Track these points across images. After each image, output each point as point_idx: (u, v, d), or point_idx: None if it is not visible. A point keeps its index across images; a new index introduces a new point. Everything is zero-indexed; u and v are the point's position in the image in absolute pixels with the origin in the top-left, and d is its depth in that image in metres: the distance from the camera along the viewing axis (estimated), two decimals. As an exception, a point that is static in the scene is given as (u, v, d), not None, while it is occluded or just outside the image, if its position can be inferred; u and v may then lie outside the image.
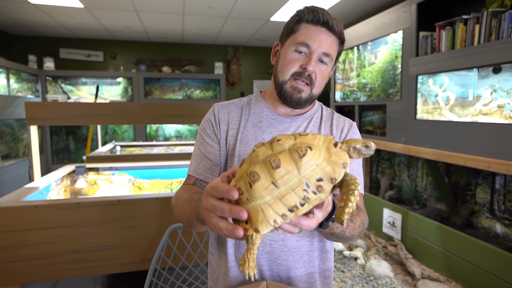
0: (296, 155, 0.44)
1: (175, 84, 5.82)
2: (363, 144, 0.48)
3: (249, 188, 0.44)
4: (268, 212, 0.43)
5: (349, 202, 0.44)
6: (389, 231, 2.94)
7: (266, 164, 0.44)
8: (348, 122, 0.92)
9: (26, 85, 4.85)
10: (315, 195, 0.43)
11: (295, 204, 0.43)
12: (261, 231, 0.43)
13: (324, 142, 0.47)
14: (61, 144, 5.43)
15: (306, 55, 0.79)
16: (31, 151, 1.90)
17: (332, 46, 0.80)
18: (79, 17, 4.24)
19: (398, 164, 3.54)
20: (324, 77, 0.82)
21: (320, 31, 0.79)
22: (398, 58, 2.90)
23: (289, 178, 0.43)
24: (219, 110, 0.90)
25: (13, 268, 1.54)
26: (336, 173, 0.44)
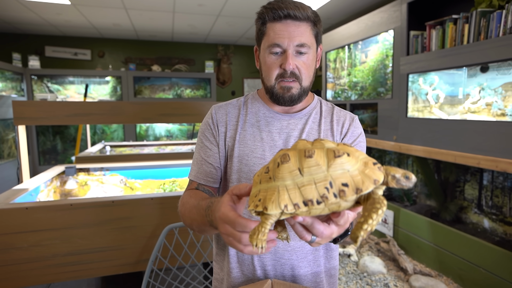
0: (331, 153, 0.43)
1: (165, 83, 5.75)
2: (404, 175, 0.45)
3: (275, 168, 0.44)
4: (283, 195, 0.42)
5: (370, 219, 0.41)
6: (381, 228, 2.98)
7: (300, 152, 0.44)
8: (350, 116, 0.90)
9: (10, 84, 4.71)
10: (335, 198, 0.41)
11: (311, 198, 0.42)
12: (269, 210, 0.42)
13: (364, 157, 0.45)
14: (48, 144, 5.30)
15: (282, 54, 0.78)
16: (19, 152, 1.85)
17: (304, 34, 0.77)
18: (65, 14, 4.14)
19: (388, 162, 3.59)
20: (309, 67, 0.80)
21: (286, 25, 0.76)
22: (389, 57, 2.94)
23: (315, 171, 0.42)
24: (216, 111, 0.89)
25: (3, 273, 1.49)
26: (364, 185, 0.41)
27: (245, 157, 0.83)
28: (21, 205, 1.49)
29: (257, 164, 0.82)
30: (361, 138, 0.88)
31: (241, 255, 0.83)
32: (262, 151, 0.83)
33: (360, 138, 0.87)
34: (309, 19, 0.77)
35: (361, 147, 0.87)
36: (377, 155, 3.74)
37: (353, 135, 0.87)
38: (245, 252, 0.50)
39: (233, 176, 0.83)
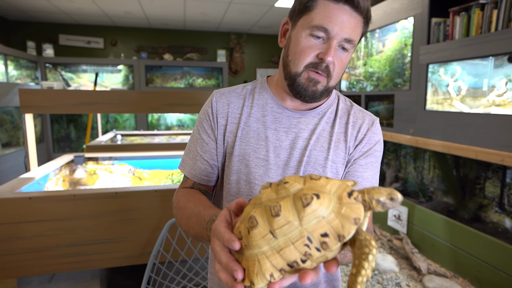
0: (299, 203, 0.38)
1: (177, 72, 5.71)
2: (388, 196, 0.39)
3: (247, 234, 0.40)
4: (265, 264, 0.38)
5: (363, 269, 0.36)
6: (395, 224, 2.88)
7: (266, 210, 0.39)
8: (369, 119, 0.76)
9: (25, 72, 4.77)
10: (318, 252, 0.37)
11: (295, 259, 0.38)
12: (256, 284, 0.39)
13: (337, 190, 0.40)
14: (62, 132, 5.38)
15: (324, 41, 0.65)
16: (27, 140, 1.84)
17: (356, 29, 0.65)
18: (77, 2, 4.12)
19: (404, 156, 3.46)
20: (343, 67, 0.69)
21: (342, 11, 0.63)
22: (407, 46, 2.79)
23: (288, 230, 0.38)
24: (217, 100, 0.77)
25: (8, 261, 1.49)
26: (345, 229, 0.37)
27: (246, 156, 0.73)
28: (25, 194, 1.48)
29: (259, 166, 0.72)
30: (378, 146, 0.75)
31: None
32: (265, 152, 0.73)
33: (376, 146, 0.75)
34: (365, 14, 0.66)
35: (375, 157, 0.75)
36: (392, 149, 3.60)
37: (369, 142, 0.75)
38: (221, 280, 0.44)
39: (232, 177, 0.74)
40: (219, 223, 0.46)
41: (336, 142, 0.73)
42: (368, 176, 0.73)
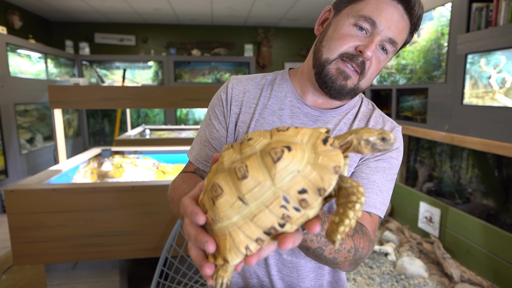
0: (269, 159, 0.32)
1: (204, 68, 5.77)
2: (379, 136, 0.34)
3: (212, 206, 0.34)
4: (237, 236, 0.33)
5: (346, 218, 0.32)
6: (426, 226, 2.70)
7: (231, 173, 0.33)
8: (389, 125, 0.70)
9: (63, 70, 5.06)
10: (298, 212, 0.32)
11: (272, 225, 0.32)
12: (231, 261, 0.33)
13: (310, 138, 0.34)
14: (97, 127, 5.66)
15: (367, 35, 0.60)
16: (55, 134, 1.93)
17: (402, 33, 0.61)
18: (109, 1, 4.28)
19: (439, 153, 3.23)
20: (378, 69, 0.64)
21: (394, 8, 0.59)
22: (444, 35, 2.57)
23: (260, 192, 0.32)
24: (233, 86, 0.73)
25: (37, 248, 1.58)
26: (325, 181, 0.32)
27: None
28: (50, 186, 1.55)
29: None
30: (394, 153, 0.68)
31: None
32: None
33: (392, 153, 0.68)
34: (415, 21, 0.62)
35: (389, 164, 0.67)
36: (426, 146, 3.38)
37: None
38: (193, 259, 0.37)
39: None
40: (188, 195, 0.40)
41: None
42: (375, 180, 0.65)
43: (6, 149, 3.45)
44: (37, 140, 4.20)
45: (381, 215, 0.65)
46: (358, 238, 0.55)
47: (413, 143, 3.52)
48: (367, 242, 0.57)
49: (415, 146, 3.52)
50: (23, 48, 3.95)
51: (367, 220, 0.62)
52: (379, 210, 0.64)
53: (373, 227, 0.63)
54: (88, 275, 1.71)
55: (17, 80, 3.66)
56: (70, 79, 2.12)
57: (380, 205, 0.64)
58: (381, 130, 0.35)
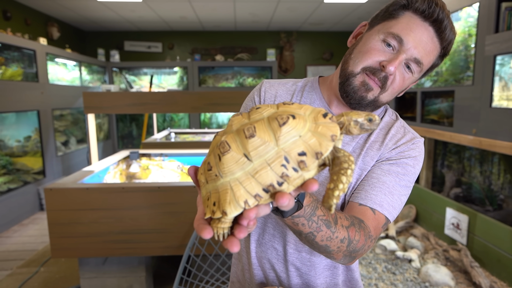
0: (275, 123, 0.36)
1: (228, 72, 5.89)
2: (366, 117, 0.40)
3: (218, 162, 0.37)
4: (238, 190, 0.36)
5: (340, 183, 0.36)
6: (452, 233, 2.61)
7: (239, 133, 0.37)
8: (411, 136, 0.70)
9: (96, 77, 5.35)
10: (296, 172, 0.36)
11: (271, 182, 0.35)
12: (229, 213, 0.36)
13: (312, 113, 0.39)
14: (125, 130, 5.93)
15: (394, 52, 0.62)
16: (89, 137, 2.07)
17: (430, 55, 0.62)
18: (138, 11, 4.49)
19: (468, 158, 3.11)
20: (402, 87, 0.65)
21: (424, 30, 0.61)
22: (472, 36, 2.49)
23: (264, 150, 0.36)
24: (266, 89, 0.77)
25: (71, 243, 1.70)
26: (322, 146, 0.36)
27: None
28: (83, 185, 1.67)
29: None
30: (411, 161, 0.68)
31: (259, 256, 0.77)
32: None
33: (408, 160, 0.68)
34: (445, 44, 0.63)
35: (404, 169, 0.68)
36: (454, 150, 3.27)
37: (401, 153, 0.69)
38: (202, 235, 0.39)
39: None
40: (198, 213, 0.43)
41: (368, 150, 0.70)
42: (386, 181, 0.66)
43: (44, 151, 3.70)
44: (71, 143, 4.47)
45: (387, 215, 0.65)
46: (354, 231, 0.56)
47: (440, 147, 3.42)
48: (363, 236, 0.58)
49: (442, 150, 3.41)
50: (60, 57, 4.23)
51: (369, 216, 0.63)
52: (385, 210, 0.64)
53: (375, 225, 0.63)
54: (117, 270, 1.81)
55: (54, 87, 3.93)
56: (102, 85, 2.27)
57: (388, 206, 0.65)
58: (367, 113, 0.40)
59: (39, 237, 2.87)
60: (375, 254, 2.57)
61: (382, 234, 2.86)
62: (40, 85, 3.61)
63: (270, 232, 0.75)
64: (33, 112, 3.59)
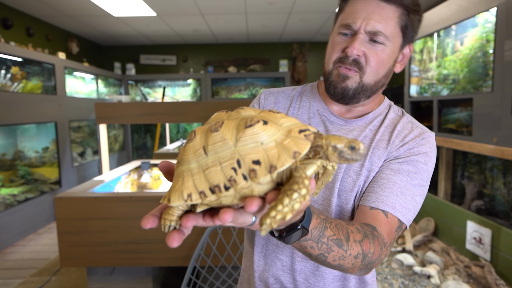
0: (242, 123, 0.34)
1: (241, 84, 5.93)
2: (348, 144, 0.34)
3: (183, 149, 0.36)
4: (187, 181, 0.34)
5: (280, 204, 0.31)
6: (475, 248, 2.47)
7: (209, 126, 0.36)
8: (419, 131, 0.67)
9: (112, 89, 5.50)
10: (244, 181, 0.32)
11: (218, 183, 0.33)
12: (172, 201, 0.34)
13: (290, 125, 0.35)
14: (140, 141, 6.03)
15: (351, 37, 0.64)
16: (100, 147, 2.10)
17: (387, 21, 0.62)
18: (153, 25, 4.62)
19: (490, 169, 2.97)
20: (381, 61, 0.64)
21: (367, 3, 0.62)
22: (490, 42, 2.41)
23: (221, 148, 0.33)
24: (266, 97, 0.78)
25: (80, 252, 1.71)
26: (279, 160, 0.32)
27: None
28: (92, 194, 1.68)
29: None
30: (421, 158, 0.65)
31: (263, 264, 0.74)
32: None
33: (418, 157, 0.65)
34: (401, 3, 0.63)
35: (415, 167, 0.64)
36: (474, 161, 3.13)
37: (409, 150, 0.65)
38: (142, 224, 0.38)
39: None
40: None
41: (375, 149, 0.67)
42: (396, 181, 0.62)
43: (61, 161, 3.79)
44: (87, 154, 4.57)
45: (401, 218, 0.61)
46: (368, 243, 0.53)
47: (459, 157, 3.28)
48: (378, 246, 0.54)
49: (461, 160, 3.28)
50: (78, 70, 4.38)
51: (382, 220, 0.59)
52: (398, 212, 0.60)
53: (388, 230, 0.59)
54: (124, 280, 1.80)
55: (72, 99, 4.06)
56: (114, 96, 2.31)
57: (401, 207, 0.61)
58: (351, 139, 0.34)
59: (52, 246, 2.91)
60: (391, 269, 2.45)
61: (398, 248, 2.74)
62: (58, 97, 3.73)
63: (274, 242, 0.71)
64: (51, 123, 3.70)
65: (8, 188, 3.23)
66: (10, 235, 2.97)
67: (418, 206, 0.64)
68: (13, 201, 3.14)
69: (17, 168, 3.43)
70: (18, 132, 3.54)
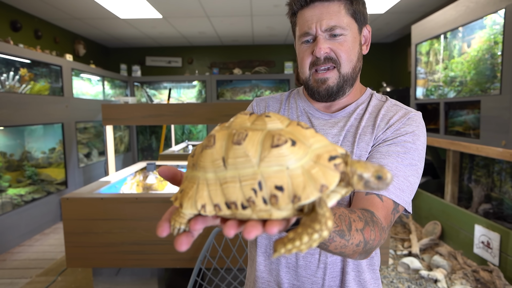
0: (268, 141, 0.31)
1: (246, 86, 5.94)
2: (375, 174, 0.31)
3: (199, 152, 0.34)
4: (202, 191, 0.33)
5: (298, 240, 0.29)
6: (482, 252, 2.43)
7: (230, 135, 0.33)
8: (404, 112, 0.70)
9: (118, 91, 5.54)
10: (264, 204, 0.30)
11: (235, 200, 0.31)
12: (184, 209, 0.33)
13: (320, 148, 0.32)
14: (145, 143, 6.05)
15: (313, 41, 0.70)
16: (107, 148, 2.11)
17: (337, 14, 0.68)
18: (159, 27, 4.65)
19: (498, 172, 2.93)
20: (349, 49, 0.69)
21: (314, 9, 0.69)
22: (499, 44, 2.39)
23: (242, 164, 0.31)
24: (257, 104, 0.85)
25: (86, 252, 1.71)
26: (304, 191, 0.29)
27: None
28: (98, 195, 1.69)
29: None
30: (409, 137, 0.66)
31: (268, 263, 0.76)
32: None
33: (406, 137, 0.66)
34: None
35: (403, 148, 0.65)
36: (482, 164, 3.09)
37: (396, 131, 0.68)
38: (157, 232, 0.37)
39: None
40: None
41: (361, 135, 0.70)
42: (387, 163, 0.64)
43: (67, 162, 3.82)
44: (93, 155, 4.60)
45: (396, 199, 0.62)
46: (369, 231, 0.54)
47: (466, 160, 3.24)
48: (378, 232, 0.55)
49: (468, 163, 3.24)
50: (85, 72, 4.42)
51: (378, 204, 0.60)
52: (392, 194, 0.61)
53: (385, 213, 0.60)
54: (129, 281, 1.80)
55: (78, 101, 4.09)
56: (120, 98, 2.33)
57: (395, 189, 0.62)
58: (378, 167, 0.32)
59: (58, 247, 2.93)
60: (397, 273, 2.43)
61: (405, 252, 2.71)
62: (65, 99, 3.76)
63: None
64: (58, 124, 3.74)
65: (16, 189, 3.27)
66: (17, 235, 3.00)
67: (413, 187, 0.65)
68: (20, 201, 3.17)
69: (24, 169, 3.46)
70: (25, 133, 3.57)
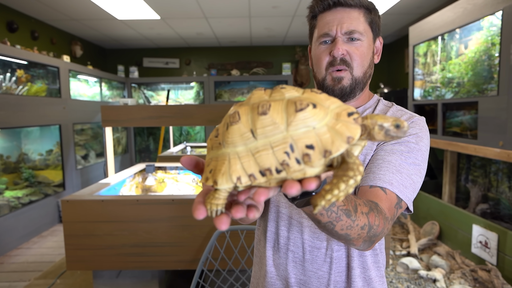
0: (292, 107, 0.33)
1: (244, 87, 5.94)
2: (394, 123, 0.35)
3: (225, 131, 0.36)
4: (235, 165, 0.34)
5: (336, 189, 0.33)
6: (480, 252, 2.45)
7: (253, 108, 0.35)
8: (408, 116, 0.73)
9: (115, 92, 5.51)
10: (298, 164, 0.33)
11: (269, 167, 0.33)
12: (219, 185, 0.34)
13: (337, 108, 0.36)
14: (143, 144, 6.03)
15: (331, 43, 0.74)
16: (106, 150, 2.10)
17: (356, 20, 0.72)
18: (157, 28, 4.64)
19: (495, 172, 2.96)
20: (363, 55, 0.73)
21: (335, 13, 0.73)
22: (496, 45, 2.41)
23: (271, 132, 0.33)
24: None
25: (86, 255, 1.70)
26: (334, 145, 0.32)
27: None
28: (99, 197, 1.68)
29: None
30: (413, 138, 0.70)
31: (277, 258, 0.78)
32: None
33: (410, 138, 0.70)
34: (361, 5, 0.73)
35: (407, 147, 0.68)
36: (479, 164, 3.12)
37: None
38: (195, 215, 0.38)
39: None
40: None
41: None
42: (391, 160, 0.66)
43: (65, 164, 3.80)
44: (91, 157, 4.57)
45: (399, 194, 0.63)
46: (373, 216, 0.55)
47: (464, 160, 3.27)
48: (382, 220, 0.57)
49: (466, 164, 3.27)
50: (82, 73, 4.40)
51: (382, 197, 0.62)
52: (396, 188, 0.63)
53: (388, 205, 0.62)
54: (130, 283, 1.79)
55: (76, 102, 4.07)
56: (120, 99, 2.32)
57: (398, 184, 0.64)
58: (396, 118, 0.36)
59: (57, 249, 2.91)
60: (397, 273, 2.44)
61: (403, 252, 2.73)
62: (62, 100, 3.74)
63: (285, 235, 0.76)
64: (55, 126, 3.71)
65: (13, 191, 3.24)
66: (14, 238, 2.97)
67: (416, 186, 0.67)
68: (17, 203, 3.15)
69: (21, 171, 3.44)
70: (22, 135, 3.55)
